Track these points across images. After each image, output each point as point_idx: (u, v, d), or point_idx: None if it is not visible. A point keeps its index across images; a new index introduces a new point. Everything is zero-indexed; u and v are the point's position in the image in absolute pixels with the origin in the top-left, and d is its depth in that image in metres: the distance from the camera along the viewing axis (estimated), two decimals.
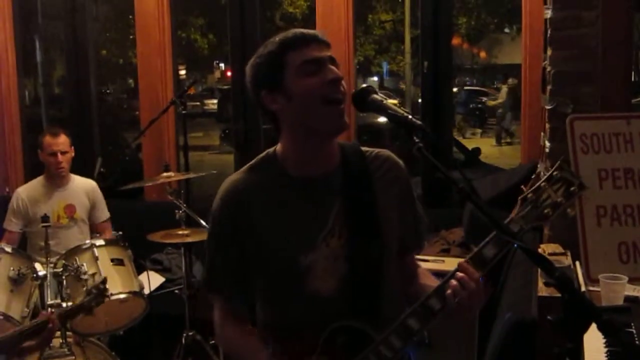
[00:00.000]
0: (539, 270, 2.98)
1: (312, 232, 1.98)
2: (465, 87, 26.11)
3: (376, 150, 2.11)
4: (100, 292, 2.84)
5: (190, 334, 4.34)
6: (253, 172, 2.06)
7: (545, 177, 1.86)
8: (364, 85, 1.92)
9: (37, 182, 4.76)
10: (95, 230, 4.81)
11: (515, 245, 1.70)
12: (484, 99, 24.26)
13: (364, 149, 2.11)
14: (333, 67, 1.91)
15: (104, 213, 4.88)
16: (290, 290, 2.00)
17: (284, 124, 1.98)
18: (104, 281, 2.87)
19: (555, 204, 1.83)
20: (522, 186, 1.86)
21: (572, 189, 1.84)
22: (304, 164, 2.00)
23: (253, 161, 2.09)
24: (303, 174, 2.00)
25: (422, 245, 2.21)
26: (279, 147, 2.04)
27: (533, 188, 1.85)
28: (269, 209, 1.99)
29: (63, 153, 4.62)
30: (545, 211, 1.83)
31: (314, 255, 1.96)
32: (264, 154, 2.09)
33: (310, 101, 1.89)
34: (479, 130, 21.86)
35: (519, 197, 1.86)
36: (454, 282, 1.81)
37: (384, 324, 1.89)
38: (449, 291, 1.81)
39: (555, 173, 1.86)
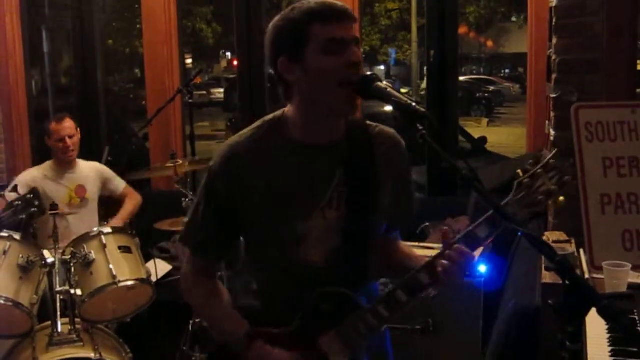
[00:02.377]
0: (543, 257, 3.00)
1: (310, 202, 1.99)
2: (472, 76, 26.06)
3: (380, 126, 2.10)
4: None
5: (197, 321, 4.36)
6: (257, 135, 2.04)
7: (542, 163, 1.85)
8: (368, 72, 1.93)
9: (47, 166, 4.81)
10: (121, 200, 4.91)
11: (520, 233, 1.71)
12: (491, 87, 24.24)
13: (369, 123, 2.11)
14: (356, 50, 1.90)
15: (120, 183, 4.95)
16: (282, 256, 2.02)
17: (296, 94, 1.97)
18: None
19: (549, 192, 1.83)
20: (519, 170, 1.87)
21: (565, 178, 1.84)
22: (309, 132, 1.99)
23: (259, 122, 2.08)
24: (307, 140, 2.00)
25: (408, 226, 2.24)
26: (287, 111, 2.04)
27: (529, 173, 1.85)
28: (271, 173, 1.99)
29: (70, 137, 4.68)
30: (539, 198, 1.83)
31: (310, 225, 1.98)
32: (270, 116, 2.08)
33: (327, 80, 1.88)
34: (486, 119, 21.82)
35: (516, 181, 1.86)
36: (444, 260, 1.83)
37: (363, 294, 1.94)
38: (439, 268, 1.84)
39: (552, 160, 1.86)
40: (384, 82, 1.90)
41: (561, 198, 1.87)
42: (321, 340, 1.95)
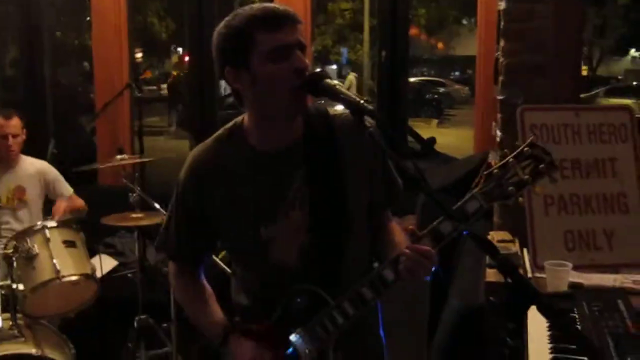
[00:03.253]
0: (486, 257, 3.05)
1: (271, 205, 1.99)
2: (423, 78, 26.31)
3: (345, 113, 2.01)
4: None
5: (143, 317, 4.33)
6: (219, 143, 2.07)
7: (515, 152, 1.82)
8: (318, 69, 1.93)
9: None
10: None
11: (465, 232, 1.73)
12: (441, 89, 24.49)
13: (331, 111, 2.10)
14: (300, 55, 1.89)
15: (65, 188, 4.70)
16: (253, 260, 2.06)
17: (246, 101, 1.98)
18: None
19: (521, 182, 1.81)
20: (491, 161, 1.85)
21: (540, 166, 1.82)
22: (265, 139, 2.00)
23: (221, 131, 2.09)
24: (265, 147, 2.00)
25: (392, 204, 2.18)
26: (245, 118, 2.04)
27: (500, 164, 1.82)
28: (232, 181, 2.01)
29: (14, 136, 4.48)
30: (509, 189, 1.81)
31: (275, 227, 1.99)
32: (231, 123, 2.08)
33: (274, 86, 1.88)
34: (435, 121, 22.03)
35: (484, 173, 1.83)
36: (407, 255, 1.84)
37: (343, 291, 1.93)
38: (401, 265, 1.85)
39: (526, 149, 1.82)
40: (334, 81, 1.91)
41: (538, 188, 1.84)
42: (291, 336, 1.95)
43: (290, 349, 1.93)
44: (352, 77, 22.54)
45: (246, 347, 2.03)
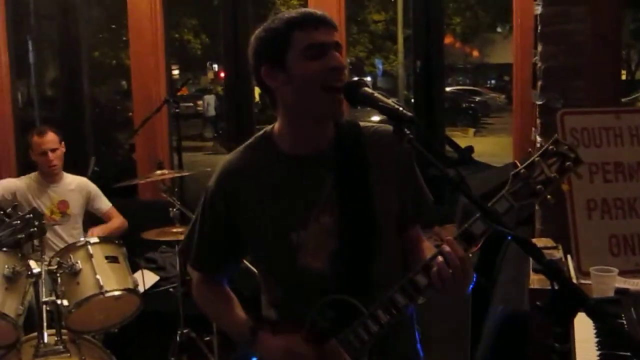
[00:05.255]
0: (530, 262, 3.01)
1: (303, 209, 2.00)
2: (458, 87, 26.21)
3: (376, 125, 2.09)
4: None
5: (185, 331, 4.35)
6: (249, 151, 2.09)
7: (540, 151, 1.81)
8: (355, 78, 1.93)
9: (31, 179, 4.76)
10: (104, 219, 4.84)
11: (510, 236, 1.70)
12: (477, 98, 24.35)
13: (362, 124, 2.10)
14: (337, 54, 1.91)
15: (104, 203, 4.87)
16: (283, 265, 2.04)
17: (281, 102, 1.99)
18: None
19: (549, 180, 1.80)
20: (516, 161, 1.86)
21: (567, 164, 1.80)
22: (297, 142, 2.01)
23: (250, 140, 2.11)
24: (297, 151, 2.01)
25: (423, 220, 2.18)
26: (275, 125, 2.06)
27: (526, 164, 1.81)
28: (263, 187, 2.02)
29: (53, 150, 4.61)
30: (538, 187, 1.80)
31: (306, 232, 1.99)
32: (261, 132, 2.11)
33: (310, 85, 1.89)
34: (472, 129, 21.91)
35: (511, 174, 1.82)
36: (439, 258, 1.82)
37: (374, 299, 1.91)
38: (434, 268, 1.82)
39: (550, 147, 1.81)
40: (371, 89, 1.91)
41: (564, 186, 1.83)
42: (325, 347, 1.94)
43: None
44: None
45: (276, 342, 2.00)
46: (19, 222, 2.78)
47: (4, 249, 3.70)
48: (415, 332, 2.19)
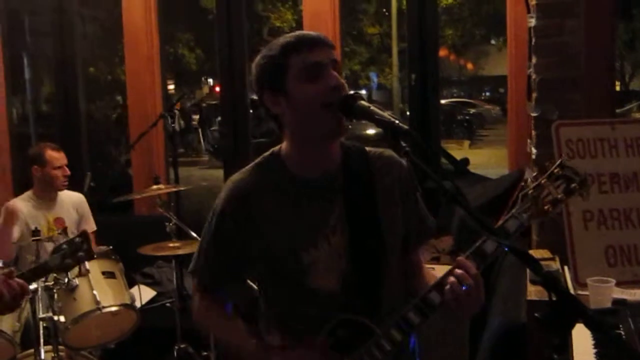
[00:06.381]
0: (527, 274, 3.01)
1: (313, 229, 2.00)
2: (453, 99, 26.28)
3: (380, 150, 2.12)
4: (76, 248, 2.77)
5: (182, 346, 4.34)
6: (257, 171, 2.08)
7: (547, 174, 1.90)
8: (352, 91, 1.94)
9: (27, 197, 4.75)
10: None
11: (507, 248, 1.71)
12: (472, 110, 24.41)
13: (367, 149, 2.13)
14: (334, 73, 1.92)
15: (90, 225, 4.86)
16: (293, 286, 2.03)
17: (286, 125, 2.00)
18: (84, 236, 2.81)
19: (556, 200, 1.88)
20: (523, 183, 1.93)
21: (572, 185, 1.89)
22: (305, 164, 2.03)
23: (258, 159, 2.11)
24: (305, 173, 2.02)
25: (426, 242, 2.23)
26: (283, 146, 2.07)
27: (534, 184, 1.89)
28: (272, 208, 2.01)
29: (66, 165, 4.66)
30: (546, 207, 1.87)
31: (316, 253, 1.99)
32: (269, 152, 2.11)
33: (311, 107, 1.91)
34: (468, 141, 21.94)
35: (520, 194, 1.90)
36: (452, 277, 1.83)
37: (384, 319, 1.92)
38: (447, 286, 1.83)
39: (556, 170, 1.90)
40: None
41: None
42: None
43: None
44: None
45: (290, 355, 1.96)
46: (67, 246, 2.77)
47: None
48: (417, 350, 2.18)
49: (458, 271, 1.84)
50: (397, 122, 1.79)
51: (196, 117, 23.78)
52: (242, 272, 2.16)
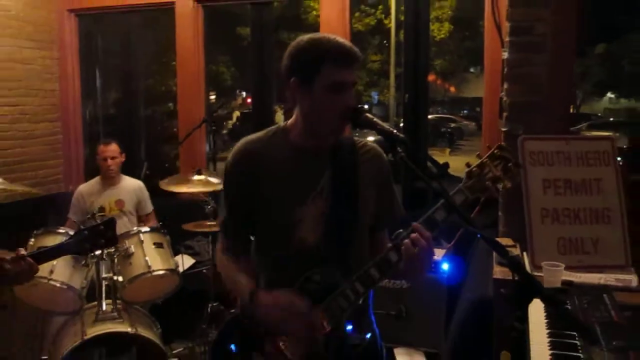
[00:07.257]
0: (494, 257, 3.01)
1: (304, 190, 1.99)
2: (438, 115, 26.18)
3: (365, 141, 2.10)
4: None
5: (215, 304, 4.35)
6: (264, 137, 2.07)
7: (488, 154, 1.87)
8: (359, 105, 1.94)
9: (95, 181, 4.78)
10: (142, 221, 4.82)
11: (479, 235, 1.71)
12: (453, 124, 24.31)
13: (356, 139, 2.11)
14: (352, 95, 1.90)
15: (148, 207, 4.88)
16: (283, 236, 1.99)
17: (299, 108, 1.98)
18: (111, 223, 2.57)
19: (495, 178, 1.84)
20: (468, 163, 1.90)
21: (509, 164, 1.85)
22: (305, 137, 2.01)
23: (270, 128, 2.09)
24: (304, 144, 2.01)
25: (391, 226, 2.11)
26: (290, 120, 2.05)
27: (477, 163, 1.86)
28: (273, 168, 1.99)
29: (112, 158, 4.66)
30: (487, 183, 1.84)
31: (304, 210, 1.97)
32: (277, 125, 2.09)
33: (327, 113, 1.90)
34: (448, 149, 21.87)
35: (466, 171, 1.87)
36: (407, 240, 1.81)
37: (351, 274, 1.90)
38: (403, 247, 1.82)
39: (495, 151, 1.87)
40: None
41: (507, 183, 1.87)
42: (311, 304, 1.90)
43: None
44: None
45: (272, 297, 1.91)
46: (87, 232, 2.48)
47: (61, 228, 3.78)
48: (372, 315, 2.15)
49: (413, 235, 1.81)
50: (395, 132, 1.80)
51: (230, 122, 23.82)
52: (246, 220, 2.07)
